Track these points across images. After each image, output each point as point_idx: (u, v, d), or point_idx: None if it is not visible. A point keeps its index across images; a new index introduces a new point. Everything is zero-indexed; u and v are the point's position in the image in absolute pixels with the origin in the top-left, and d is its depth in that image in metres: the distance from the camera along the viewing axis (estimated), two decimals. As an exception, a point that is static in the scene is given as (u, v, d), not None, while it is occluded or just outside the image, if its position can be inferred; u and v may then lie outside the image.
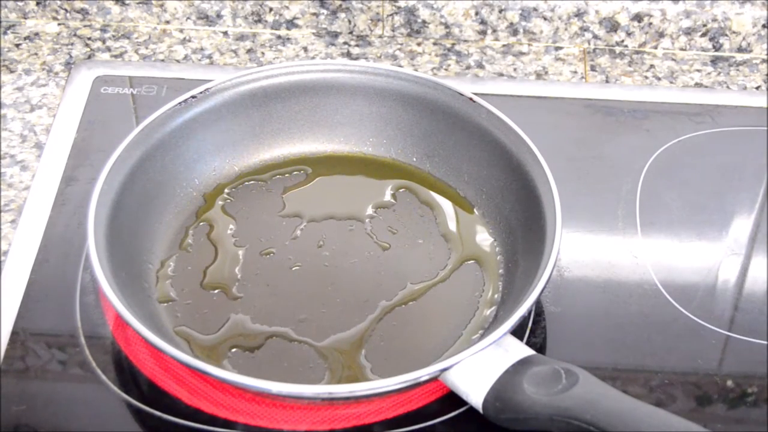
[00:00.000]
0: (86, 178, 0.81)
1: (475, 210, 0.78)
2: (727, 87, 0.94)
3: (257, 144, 0.81)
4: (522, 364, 0.63)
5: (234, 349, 0.69)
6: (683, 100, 0.91)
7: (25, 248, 0.77)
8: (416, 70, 0.94)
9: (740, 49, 0.96)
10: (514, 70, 0.95)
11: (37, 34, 0.97)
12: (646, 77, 0.94)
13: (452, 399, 0.65)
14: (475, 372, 0.63)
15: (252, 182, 0.80)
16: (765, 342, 0.73)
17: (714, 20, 0.94)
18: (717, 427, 0.68)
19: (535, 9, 0.95)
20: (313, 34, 0.97)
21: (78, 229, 0.77)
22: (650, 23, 0.95)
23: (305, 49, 0.96)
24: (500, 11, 0.95)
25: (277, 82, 0.81)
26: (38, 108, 0.89)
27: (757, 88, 0.94)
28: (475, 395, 0.63)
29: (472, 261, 0.75)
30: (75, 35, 0.97)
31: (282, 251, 0.76)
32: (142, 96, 0.89)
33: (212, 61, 0.95)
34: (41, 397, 0.68)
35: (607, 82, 0.94)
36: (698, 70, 0.95)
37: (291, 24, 0.97)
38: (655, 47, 0.97)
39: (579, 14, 0.95)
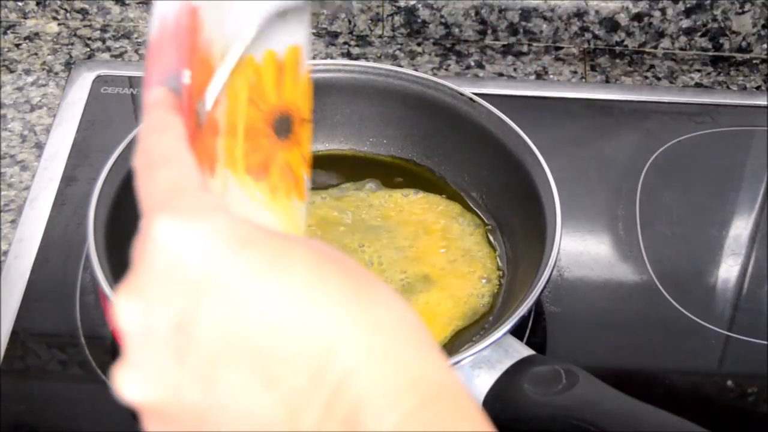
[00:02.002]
0: (86, 178, 0.81)
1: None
2: (727, 87, 0.94)
3: (257, 144, 0.81)
4: (522, 364, 0.63)
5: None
6: (683, 100, 0.91)
7: (25, 248, 0.77)
8: (416, 70, 0.94)
9: (740, 49, 0.96)
10: (514, 70, 0.95)
11: (37, 34, 0.97)
12: (646, 77, 0.94)
13: (452, 399, 0.65)
14: (475, 372, 0.63)
15: (252, 182, 0.80)
16: (765, 342, 0.73)
17: (714, 20, 0.94)
18: (717, 427, 0.68)
19: (535, 9, 0.95)
20: (313, 34, 0.97)
21: (78, 229, 0.77)
22: (650, 23, 0.95)
23: (305, 49, 0.96)
24: (500, 11, 0.95)
25: (277, 82, 0.80)
26: (38, 108, 0.89)
27: (757, 88, 0.94)
28: (475, 395, 0.63)
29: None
30: (75, 35, 0.97)
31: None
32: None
33: (212, 61, 0.94)
34: (41, 397, 0.68)
35: (607, 82, 0.94)
36: (698, 70, 0.95)
37: (291, 24, 0.97)
38: (655, 47, 0.97)
39: (579, 14, 0.95)
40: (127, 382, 0.37)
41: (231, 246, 0.36)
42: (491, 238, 0.77)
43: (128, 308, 0.37)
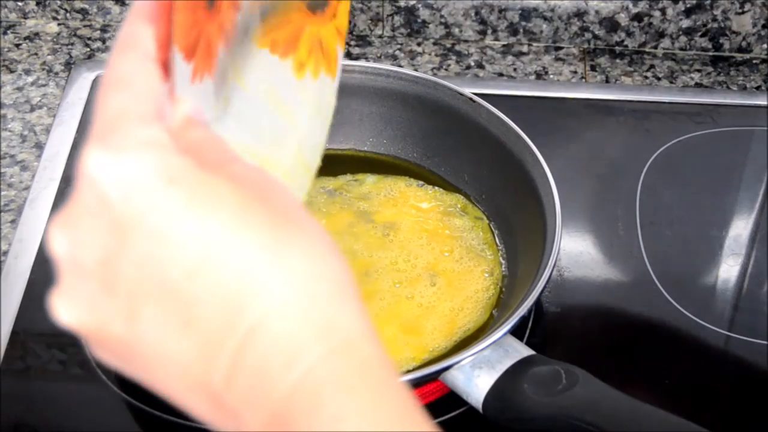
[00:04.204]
0: (86, 178, 0.81)
1: (475, 210, 0.79)
2: (727, 87, 0.94)
3: (257, 144, 0.81)
4: (522, 364, 0.63)
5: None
6: (683, 100, 0.91)
7: (25, 248, 0.76)
8: (416, 70, 0.94)
9: (740, 49, 0.96)
10: (514, 70, 0.95)
11: (37, 34, 0.97)
12: (646, 77, 0.94)
13: (452, 399, 0.65)
14: (475, 372, 0.63)
15: (252, 182, 0.80)
16: (765, 342, 0.73)
17: (714, 20, 0.94)
18: (717, 427, 0.68)
19: (535, 9, 0.95)
20: (313, 34, 0.97)
21: (78, 229, 0.77)
22: (650, 23, 0.95)
23: (305, 49, 0.96)
24: (500, 11, 0.95)
25: (277, 82, 0.80)
26: (38, 108, 0.89)
27: (757, 88, 0.94)
28: (475, 395, 0.63)
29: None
30: (75, 35, 0.97)
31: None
32: (142, 96, 0.89)
33: (212, 61, 0.94)
34: (41, 397, 0.68)
35: (607, 82, 0.94)
36: (698, 70, 0.95)
37: (291, 24, 0.97)
38: (655, 47, 0.97)
39: (579, 14, 0.95)
40: (60, 307, 0.38)
41: (155, 184, 0.35)
42: (490, 234, 0.77)
43: (59, 237, 0.37)
